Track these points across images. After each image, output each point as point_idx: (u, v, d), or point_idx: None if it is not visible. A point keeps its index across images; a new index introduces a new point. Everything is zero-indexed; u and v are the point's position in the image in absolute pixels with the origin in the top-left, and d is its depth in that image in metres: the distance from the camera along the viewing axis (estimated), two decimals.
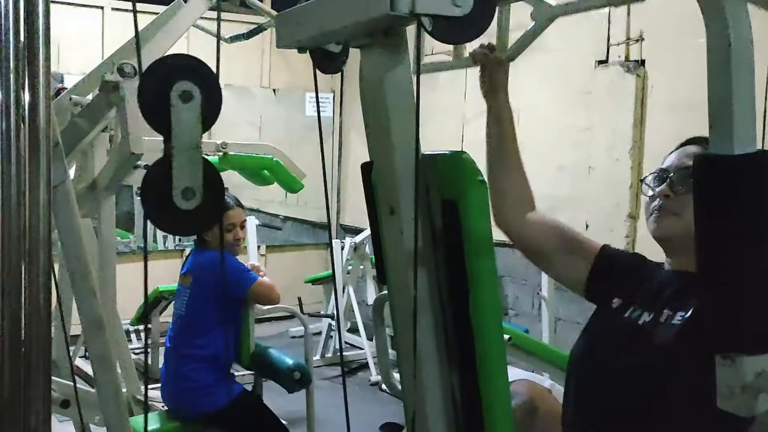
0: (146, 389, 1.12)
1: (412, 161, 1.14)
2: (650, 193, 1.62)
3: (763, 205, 0.97)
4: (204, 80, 0.98)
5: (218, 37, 1.09)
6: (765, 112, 4.05)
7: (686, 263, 1.60)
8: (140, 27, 3.08)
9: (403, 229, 1.17)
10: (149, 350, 5.46)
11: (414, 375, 1.19)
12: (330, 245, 1.75)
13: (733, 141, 0.96)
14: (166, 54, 2.13)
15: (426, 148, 1.22)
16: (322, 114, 7.88)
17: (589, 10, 1.46)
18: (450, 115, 6.32)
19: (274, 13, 3.29)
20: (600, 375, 1.57)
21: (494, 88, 1.79)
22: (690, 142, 1.66)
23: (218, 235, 3.36)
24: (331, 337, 6.24)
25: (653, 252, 1.77)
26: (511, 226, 1.81)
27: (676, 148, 1.67)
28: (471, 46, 1.79)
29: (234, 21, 6.43)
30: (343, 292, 6.34)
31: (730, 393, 1.00)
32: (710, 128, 0.98)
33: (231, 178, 5.40)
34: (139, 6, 6.34)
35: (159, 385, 3.57)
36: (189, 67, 0.96)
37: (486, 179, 1.79)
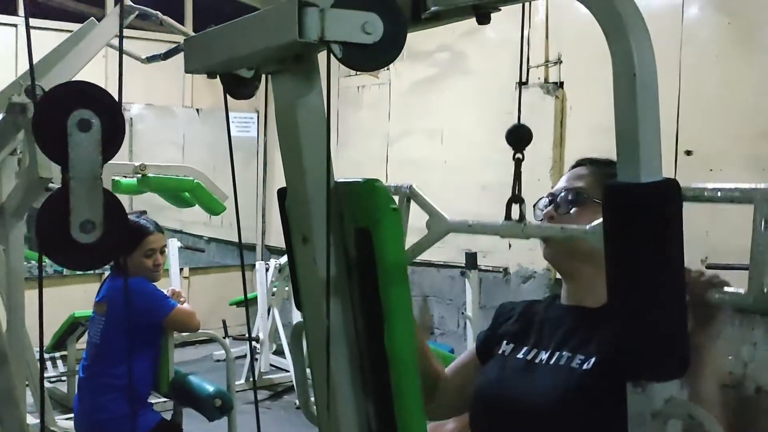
0: (42, 420, 1.07)
1: (325, 189, 1.12)
2: (539, 218, 1.62)
3: (669, 232, 0.98)
4: (104, 108, 0.94)
5: (120, 53, 1.05)
6: (677, 134, 4.18)
7: (580, 294, 1.57)
8: (54, 45, 3.00)
9: (317, 258, 1.15)
10: (65, 378, 5.27)
11: (328, 405, 1.17)
12: (242, 267, 1.72)
13: (639, 169, 0.97)
14: (68, 80, 2.07)
15: (351, 168, 1.21)
16: (246, 134, 7.83)
17: (480, 234, 1.52)
18: (374, 134, 6.34)
19: (192, 33, 3.24)
20: (504, 417, 1.53)
21: None
22: (579, 164, 1.67)
23: (136, 260, 3.27)
24: (256, 360, 6.14)
25: None
26: (442, 412, 1.78)
27: (568, 170, 1.68)
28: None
29: (153, 40, 6.33)
30: (268, 314, 6.26)
31: (642, 420, 1.01)
32: (618, 156, 1.00)
33: (153, 200, 5.29)
34: (55, 24, 6.18)
35: (72, 415, 3.43)
36: (87, 95, 0.92)
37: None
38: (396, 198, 1.64)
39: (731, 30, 4.14)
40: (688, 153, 4.15)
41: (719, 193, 1.11)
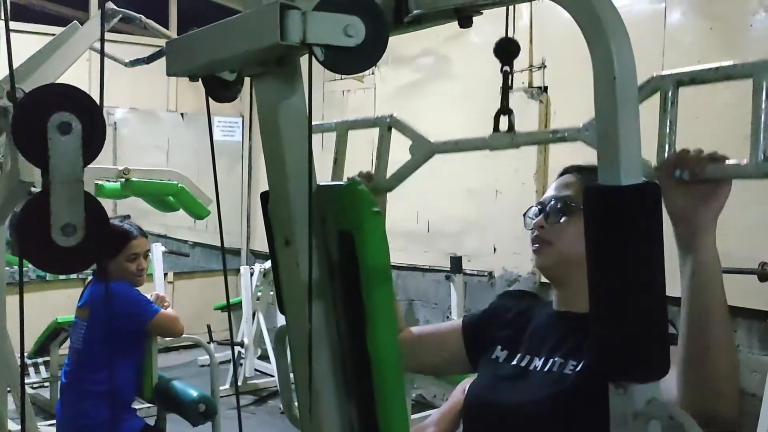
0: (23, 427, 1.06)
1: (307, 192, 1.12)
2: (530, 226, 1.64)
3: (650, 234, 0.99)
4: (85, 110, 0.94)
5: (102, 56, 1.05)
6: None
7: (571, 300, 1.58)
8: (36, 49, 2.99)
9: (299, 261, 1.15)
10: (48, 384, 5.23)
11: (310, 409, 1.17)
12: (224, 272, 1.70)
13: (620, 172, 0.98)
14: (49, 83, 2.05)
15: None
16: (231, 138, 7.81)
17: (467, 151, 1.54)
18: (360, 138, 6.32)
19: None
20: (498, 423, 1.54)
21: None
22: (566, 171, 1.69)
23: (120, 264, 3.25)
24: (241, 364, 6.12)
25: None
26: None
27: (556, 178, 1.69)
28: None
29: (137, 44, 6.30)
30: (253, 318, 6.24)
31: (623, 421, 1.01)
32: (599, 160, 1.00)
33: (137, 204, 5.26)
34: (38, 27, 6.15)
35: (55, 421, 3.41)
36: (67, 97, 0.92)
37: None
38: (377, 129, 1.66)
39: (713, 35, 4.17)
40: None
41: (718, 71, 1.16)
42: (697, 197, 1.18)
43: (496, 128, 1.35)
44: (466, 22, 1.19)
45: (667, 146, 1.22)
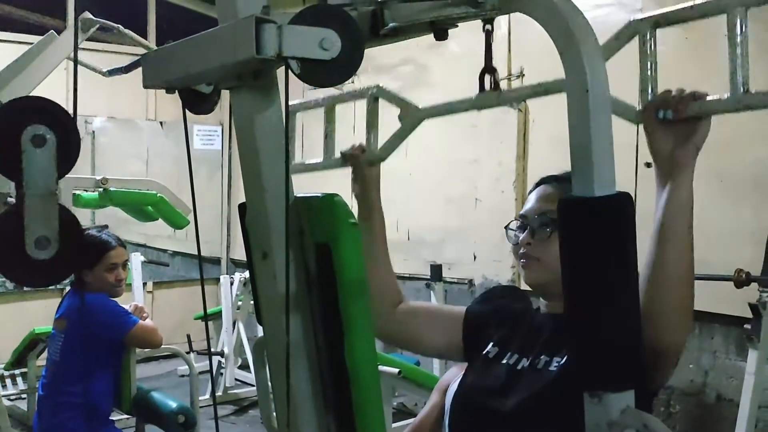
0: None
1: (284, 204, 1.12)
2: (515, 241, 1.64)
3: (622, 244, 1.00)
4: (59, 123, 0.93)
5: (75, 66, 1.05)
6: (637, 147, 4.25)
7: (559, 306, 1.59)
8: (14, 57, 2.96)
9: (276, 273, 1.15)
10: (25, 396, 5.17)
11: (288, 423, 1.17)
12: (201, 281, 1.69)
13: (593, 184, 0.99)
14: (27, 94, 2.04)
15: (315, 181, 1.22)
16: (210, 147, 7.78)
17: (455, 113, 1.55)
18: (339, 147, 6.33)
19: (154, 46, 3.22)
20: (482, 421, 1.56)
21: (366, 187, 1.79)
22: (543, 181, 1.70)
23: (98, 275, 3.23)
24: (222, 374, 6.09)
25: None
26: (380, 322, 1.78)
27: (533, 188, 1.70)
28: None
29: (116, 53, 6.27)
30: (234, 328, 6.21)
31: (598, 430, 1.02)
32: (572, 172, 1.01)
33: (116, 213, 5.23)
34: (17, 36, 6.10)
35: None
36: (42, 110, 0.92)
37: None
38: (364, 102, 1.68)
39: (689, 45, 4.22)
40: (648, 165, 4.20)
41: (693, 9, 1.25)
42: (679, 136, 1.23)
43: (482, 89, 1.39)
44: (441, 35, 1.20)
45: (649, 89, 1.27)
